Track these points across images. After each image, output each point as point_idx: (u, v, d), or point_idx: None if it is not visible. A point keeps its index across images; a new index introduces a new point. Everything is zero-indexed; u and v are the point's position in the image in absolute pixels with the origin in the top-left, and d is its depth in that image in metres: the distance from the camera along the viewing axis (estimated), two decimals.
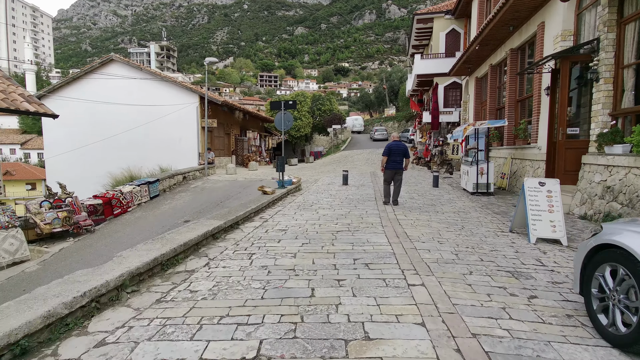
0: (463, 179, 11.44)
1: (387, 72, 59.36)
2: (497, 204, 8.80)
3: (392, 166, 8.55)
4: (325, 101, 37.66)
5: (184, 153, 18.23)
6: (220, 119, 20.75)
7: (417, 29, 22.57)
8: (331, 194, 10.54)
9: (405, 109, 44.59)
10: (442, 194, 10.50)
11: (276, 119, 10.60)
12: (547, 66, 8.64)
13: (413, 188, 11.78)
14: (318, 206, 8.37)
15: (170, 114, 17.93)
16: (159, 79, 18.45)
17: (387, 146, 8.70)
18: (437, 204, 8.70)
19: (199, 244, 4.87)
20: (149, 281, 3.66)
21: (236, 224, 6.23)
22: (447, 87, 20.79)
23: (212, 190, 13.89)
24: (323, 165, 24.45)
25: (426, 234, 5.61)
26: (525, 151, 10.22)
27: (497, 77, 13.71)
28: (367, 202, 8.88)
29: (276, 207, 8.37)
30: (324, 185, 12.66)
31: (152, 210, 11.38)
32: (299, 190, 11.59)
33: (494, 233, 5.85)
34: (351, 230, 5.88)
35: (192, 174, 15.68)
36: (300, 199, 9.69)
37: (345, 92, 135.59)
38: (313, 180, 14.90)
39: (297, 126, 33.90)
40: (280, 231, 5.90)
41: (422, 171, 18.84)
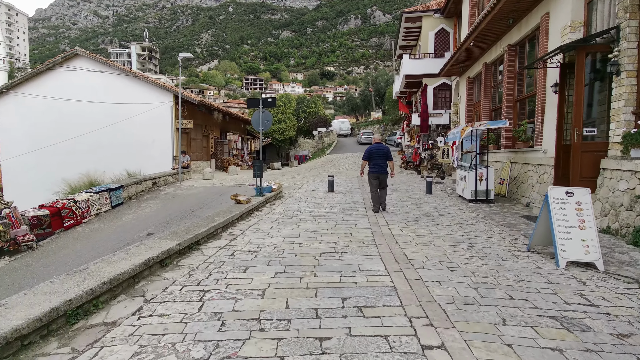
0: (459, 185, 10.49)
1: (373, 75, 58.76)
2: (501, 214, 7.83)
3: (374, 170, 7.99)
4: (310, 103, 36.60)
5: (157, 157, 16.84)
6: (198, 120, 19.43)
7: (405, 28, 21.76)
8: (315, 202, 9.42)
9: (391, 112, 43.94)
10: (437, 202, 9.50)
11: (253, 119, 9.44)
12: (554, 60, 7.75)
13: (405, 195, 10.76)
14: (299, 218, 7.23)
15: (142, 114, 16.54)
16: (129, 75, 17.04)
17: (367, 150, 8.10)
18: (434, 214, 7.67)
19: (138, 276, 3.67)
20: (34, 348, 2.45)
21: (196, 244, 5.03)
22: (437, 88, 19.99)
23: (184, 198, 12.60)
24: (308, 169, 23.33)
25: (431, 256, 4.53)
26: (527, 155, 9.32)
27: (491, 77, 12.88)
28: (356, 212, 7.79)
29: (250, 220, 7.19)
30: (308, 192, 11.53)
31: (112, 221, 10.03)
32: (279, 198, 10.43)
33: (511, 253, 4.83)
34: (338, 251, 4.76)
35: (164, 180, 14.33)
36: (280, 208, 8.53)
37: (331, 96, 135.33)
38: (296, 186, 13.75)
39: (281, 129, 32.72)
40: (250, 253, 4.73)
41: (411, 176, 17.91)
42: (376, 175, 7.97)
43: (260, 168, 9.12)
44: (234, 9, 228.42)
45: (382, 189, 8.09)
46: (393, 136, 35.43)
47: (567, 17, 7.74)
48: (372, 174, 8.03)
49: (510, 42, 10.55)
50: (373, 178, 8.01)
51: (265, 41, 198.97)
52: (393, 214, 7.59)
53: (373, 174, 8.01)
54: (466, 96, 15.48)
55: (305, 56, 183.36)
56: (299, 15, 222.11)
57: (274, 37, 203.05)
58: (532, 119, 9.64)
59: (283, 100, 33.78)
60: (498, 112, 12.38)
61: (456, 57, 14.03)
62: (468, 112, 15.42)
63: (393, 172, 8.20)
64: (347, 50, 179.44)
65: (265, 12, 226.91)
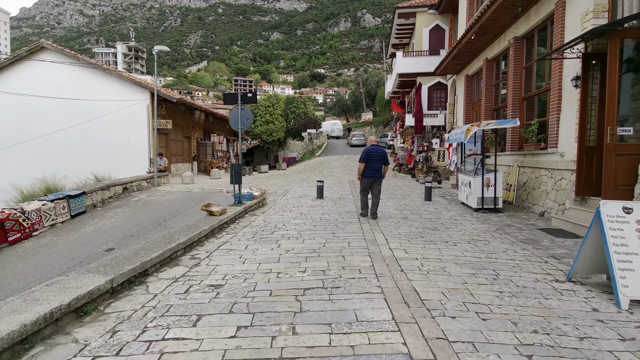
0: (462, 192, 9.45)
1: (363, 77, 57.92)
2: (515, 226, 6.79)
3: (369, 174, 7.55)
4: (299, 104, 35.44)
5: (132, 159, 15.51)
6: (178, 120, 18.15)
7: (397, 25, 20.80)
8: (302, 212, 8.27)
9: (382, 114, 43.05)
10: (440, 211, 8.43)
11: (231, 117, 8.26)
12: (574, 50, 6.77)
13: (402, 202, 9.68)
14: (282, 234, 6.07)
15: (116, 112, 15.21)
16: (101, 70, 15.68)
17: (365, 151, 7.61)
18: (440, 227, 6.59)
19: (33, 338, 2.48)
20: None
21: (143, 275, 3.85)
22: (432, 87, 19.05)
23: (157, 205, 11.33)
24: (296, 172, 22.16)
25: (450, 293, 3.42)
26: (540, 158, 8.33)
27: (493, 73, 11.93)
28: (348, 226, 6.66)
29: (223, 236, 6.01)
30: (294, 199, 10.38)
31: (68, 233, 8.72)
32: (261, 207, 9.26)
33: (549, 285, 3.75)
34: (328, 286, 3.62)
35: (137, 184, 13.03)
36: (261, 220, 7.36)
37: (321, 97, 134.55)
38: (282, 191, 12.59)
39: (269, 130, 31.51)
40: (211, 290, 3.55)
41: (405, 179, 16.89)
42: (371, 180, 7.53)
43: (239, 173, 7.94)
44: (223, 10, 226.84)
45: (374, 196, 7.59)
46: (384, 138, 34.44)
47: (588, 1, 6.77)
48: (366, 179, 7.56)
49: (517, 35, 9.59)
50: (367, 182, 7.56)
51: (255, 43, 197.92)
52: (392, 227, 6.48)
53: (367, 178, 7.55)
54: (464, 95, 14.53)
55: (295, 58, 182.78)
56: (289, 17, 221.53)
57: (263, 38, 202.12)
58: (543, 117, 8.67)
59: (271, 101, 32.63)
60: (501, 112, 11.43)
61: (454, 52, 13.07)
62: (466, 112, 14.47)
63: (384, 176, 7.88)
64: (337, 53, 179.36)
65: (255, 14, 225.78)
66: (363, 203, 7.71)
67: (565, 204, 7.09)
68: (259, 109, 31.57)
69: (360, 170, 7.65)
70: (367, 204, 7.68)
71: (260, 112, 31.52)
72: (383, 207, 8.81)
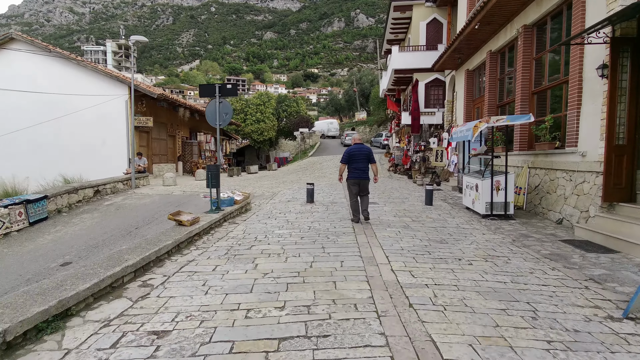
0: (467, 195, 8.54)
1: (357, 75, 57.01)
2: (533, 237, 5.89)
3: (355, 175, 6.94)
4: (291, 102, 34.41)
5: (109, 159, 14.41)
6: (161, 117, 17.06)
7: (393, 19, 19.90)
8: (289, 219, 7.29)
9: (376, 113, 42.20)
10: (444, 218, 7.51)
11: (208, 111, 7.24)
12: (600, 35, 5.88)
13: (401, 207, 8.75)
14: (262, 248, 5.08)
15: (91, 108, 14.09)
16: (75, 63, 14.53)
17: (347, 151, 7.05)
18: (447, 239, 5.65)
19: None
20: None
21: (64, 315, 2.84)
22: (429, 84, 18.18)
23: (131, 210, 10.27)
24: (287, 173, 21.17)
25: (481, 347, 2.47)
26: (555, 158, 7.45)
27: (497, 67, 11.06)
28: (341, 237, 5.70)
29: (191, 252, 5.00)
30: (282, 204, 9.40)
31: (22, 244, 7.64)
32: (244, 213, 8.26)
33: (607, 327, 2.82)
34: (312, 334, 2.64)
35: (112, 187, 11.94)
36: (240, 230, 6.37)
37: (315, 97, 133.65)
38: (270, 194, 11.60)
39: (260, 129, 30.44)
40: (149, 343, 2.55)
41: (402, 181, 15.99)
42: (356, 181, 6.92)
43: (216, 175, 6.93)
44: (216, 9, 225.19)
45: (363, 197, 7.03)
46: (379, 137, 33.62)
47: None
48: (352, 180, 6.96)
49: (527, 22, 8.71)
50: (353, 184, 6.95)
51: (248, 42, 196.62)
52: (393, 239, 5.53)
53: (353, 179, 6.95)
54: (464, 92, 13.66)
55: (289, 58, 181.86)
56: (282, 16, 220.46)
57: (257, 38, 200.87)
58: (558, 113, 7.80)
59: (262, 99, 31.56)
60: (507, 108, 10.56)
61: (455, 45, 12.18)
62: (467, 110, 13.60)
63: (377, 177, 7.33)
64: (330, 53, 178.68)
65: (248, 13, 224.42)
66: (354, 208, 7.01)
67: (590, 210, 6.21)
68: (250, 107, 30.52)
69: (341, 171, 7.23)
70: (358, 209, 6.98)
71: (251, 110, 30.44)
72: (380, 213, 7.88)
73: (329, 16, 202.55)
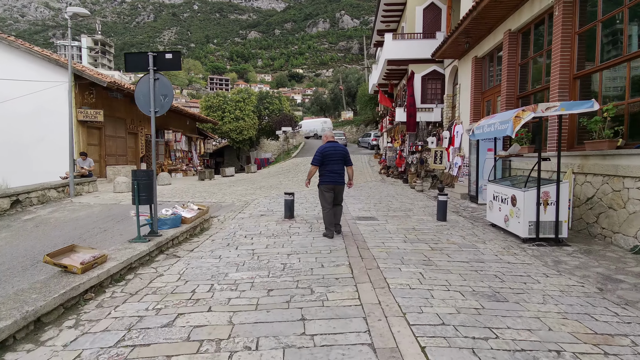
0: (495, 210, 6.48)
1: (344, 73, 55.05)
2: (625, 282, 3.84)
3: (329, 179, 5.83)
4: (273, 99, 32.06)
5: (47, 160, 11.87)
6: (118, 111, 14.57)
7: (385, 4, 17.90)
8: (256, 249, 5.06)
9: (364, 113, 40.26)
10: (472, 243, 5.42)
11: (138, 92, 4.97)
12: None
13: (408, 224, 6.64)
14: (191, 322, 2.86)
15: (21, 97, 11.54)
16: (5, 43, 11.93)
17: (319, 151, 5.89)
18: (501, 290, 3.52)
19: None
20: None
21: None
22: (426, 77, 16.23)
23: (56, 226, 7.87)
24: (267, 176, 18.88)
25: None
26: (621, 161, 5.45)
27: (518, 49, 9.13)
28: (334, 289, 3.51)
29: (56, 335, 2.75)
30: (252, 220, 7.17)
31: None
32: (196, 235, 6.01)
33: None
34: None
35: (39, 196, 9.47)
36: (176, 272, 4.12)
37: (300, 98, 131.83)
38: (240, 205, 9.34)
39: (239, 128, 28.01)
40: None
41: (396, 186, 13.95)
42: (331, 187, 5.83)
43: (149, 186, 4.68)
44: (199, 7, 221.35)
45: (336, 205, 5.95)
46: (367, 137, 31.64)
47: None
48: (325, 185, 5.84)
49: None
50: (327, 190, 5.83)
51: (232, 41, 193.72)
52: (417, 294, 3.37)
53: (327, 184, 5.83)
54: (471, 83, 11.72)
55: (274, 58, 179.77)
56: (267, 16, 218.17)
57: (241, 37, 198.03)
58: (621, 101, 5.84)
59: (242, 95, 29.15)
60: (531, 99, 8.63)
61: (463, 26, 10.20)
62: (474, 104, 11.66)
63: (352, 182, 6.20)
64: (315, 53, 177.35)
65: (232, 12, 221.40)
66: (328, 220, 5.81)
67: None
68: (228, 104, 28.06)
69: (311, 174, 6.01)
70: (332, 221, 5.81)
71: (230, 107, 27.98)
72: (384, 236, 5.76)
73: (314, 17, 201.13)
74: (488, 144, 9.20)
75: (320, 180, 5.87)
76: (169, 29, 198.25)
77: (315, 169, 5.89)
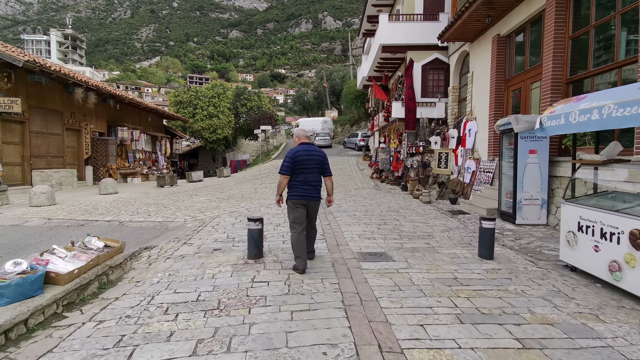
0: (588, 249, 4.03)
1: (328, 70, 52.59)
2: None
3: (301, 192, 4.25)
4: (251, 96, 29.25)
5: None
6: (50, 101, 11.61)
7: None
8: (180, 349, 2.46)
9: (349, 112, 37.90)
10: (573, 316, 2.93)
11: None
12: None
13: (438, 267, 4.11)
14: None
15: None
16: None
17: (289, 155, 4.30)
18: None
19: None
20: None
21: None
22: (427, 66, 13.88)
23: None
24: (242, 181, 16.16)
25: None
26: None
27: (569, 18, 6.82)
28: None
29: None
30: (197, 262, 4.51)
31: None
32: (75, 309, 3.34)
33: None
34: None
35: None
36: None
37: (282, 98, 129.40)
38: (194, 226, 6.65)
39: (212, 126, 25.10)
40: None
41: (395, 194, 11.51)
42: (304, 202, 4.27)
43: None
44: (178, 4, 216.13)
45: (310, 226, 4.45)
46: (354, 138, 29.25)
47: None
48: (296, 199, 4.27)
49: None
50: (297, 206, 4.28)
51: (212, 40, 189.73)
52: None
53: (298, 199, 4.26)
54: (493, 68, 9.40)
55: (256, 57, 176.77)
56: (248, 15, 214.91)
57: (222, 36, 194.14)
58: None
59: (217, 91, 26.26)
60: (590, 84, 6.33)
61: None
62: (496, 95, 9.35)
63: (331, 197, 4.53)
64: (298, 54, 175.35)
65: (213, 10, 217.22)
66: (298, 245, 4.19)
67: None
68: (200, 99, 25.11)
69: (282, 187, 4.32)
70: (304, 248, 4.21)
71: (202, 103, 25.05)
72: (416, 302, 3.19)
73: (297, 17, 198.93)
74: (530, 144, 6.84)
75: (289, 193, 4.36)
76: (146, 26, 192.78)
77: (286, 179, 4.31)
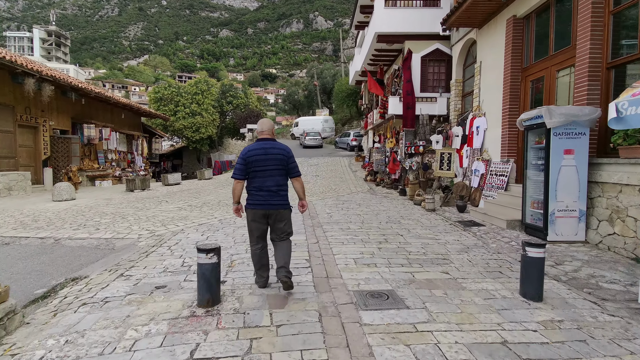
0: None
1: (318, 68, 51.22)
2: None
3: (258, 200, 3.42)
4: (238, 92, 27.69)
5: None
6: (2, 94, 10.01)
7: None
8: None
9: (340, 111, 36.59)
10: None
11: None
12: None
13: (472, 319, 2.72)
14: None
15: None
16: None
17: (243, 155, 3.44)
18: None
19: None
20: None
21: None
22: (427, 58, 12.57)
23: None
24: (223, 184, 14.68)
25: None
26: None
27: None
28: None
29: None
30: (122, 314, 3.05)
31: None
32: None
33: None
34: None
35: None
36: None
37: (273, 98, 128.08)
38: (146, 245, 5.19)
39: (195, 124, 23.52)
40: None
41: (393, 199, 10.17)
42: (261, 212, 3.43)
43: None
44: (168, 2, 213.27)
45: (278, 242, 3.51)
46: (346, 137, 27.91)
47: None
48: (252, 209, 3.45)
49: None
50: (254, 218, 3.45)
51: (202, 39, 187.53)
52: None
53: (255, 208, 3.44)
54: (508, 55, 8.12)
55: (246, 57, 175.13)
56: (239, 15, 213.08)
57: (212, 35, 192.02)
58: None
59: (200, 87, 24.68)
60: None
61: None
62: (512, 86, 8.06)
63: (305, 202, 3.58)
64: (289, 54, 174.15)
65: (202, 9, 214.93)
66: (257, 263, 3.49)
67: None
68: (182, 96, 23.52)
69: (237, 195, 3.43)
70: (264, 263, 3.51)
71: (184, 100, 23.47)
72: None
73: (288, 17, 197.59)
74: (565, 142, 5.53)
75: (247, 201, 3.48)
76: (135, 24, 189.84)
77: (240, 184, 3.44)
